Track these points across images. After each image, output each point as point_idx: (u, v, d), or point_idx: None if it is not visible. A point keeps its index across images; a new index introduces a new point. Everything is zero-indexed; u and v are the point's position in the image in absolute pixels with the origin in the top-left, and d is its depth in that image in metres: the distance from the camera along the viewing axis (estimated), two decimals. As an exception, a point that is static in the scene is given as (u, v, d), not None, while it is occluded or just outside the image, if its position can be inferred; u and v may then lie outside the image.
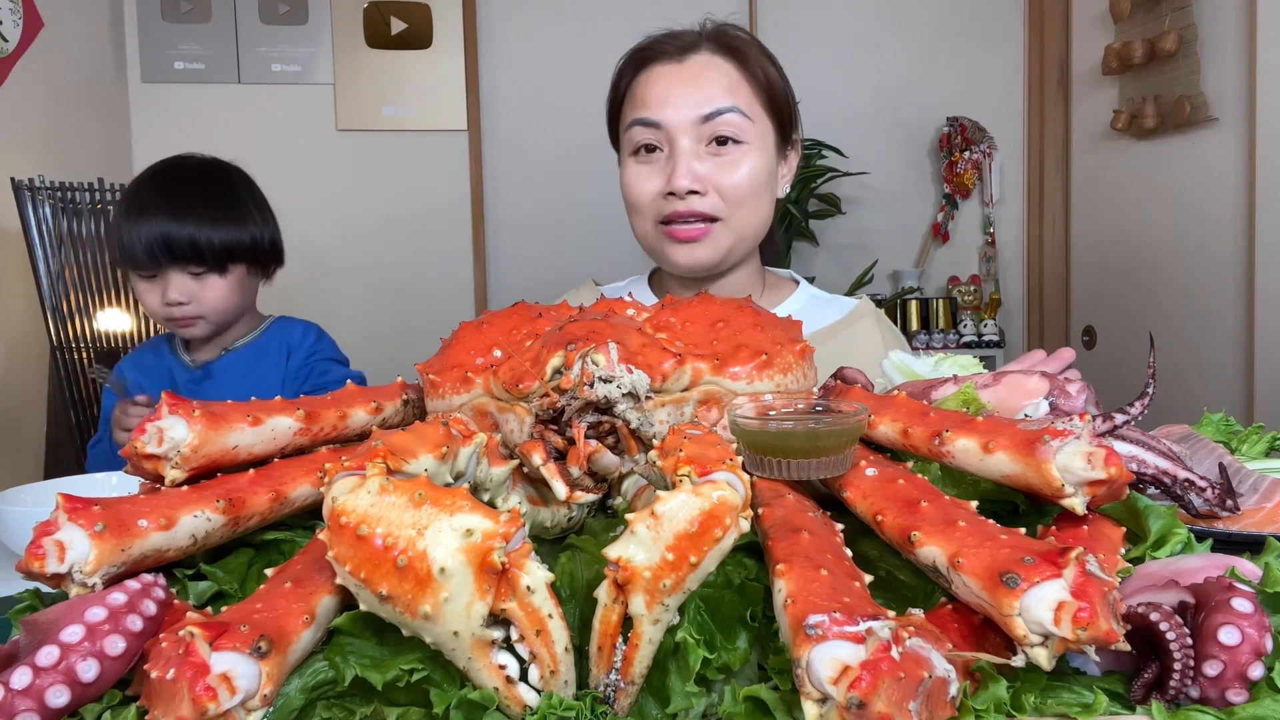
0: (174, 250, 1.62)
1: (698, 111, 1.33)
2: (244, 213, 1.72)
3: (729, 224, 1.36)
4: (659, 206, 1.36)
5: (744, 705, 0.55)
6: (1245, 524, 0.83)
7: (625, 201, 1.42)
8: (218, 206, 1.68)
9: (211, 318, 1.69)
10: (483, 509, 0.53)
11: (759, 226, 1.41)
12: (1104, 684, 0.57)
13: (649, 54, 1.39)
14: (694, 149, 1.34)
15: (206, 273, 1.66)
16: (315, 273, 3.41)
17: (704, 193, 1.33)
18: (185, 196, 1.67)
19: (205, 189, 1.70)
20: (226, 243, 1.67)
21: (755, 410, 0.72)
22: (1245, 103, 2.82)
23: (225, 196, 1.71)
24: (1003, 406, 0.83)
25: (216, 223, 1.66)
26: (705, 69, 1.36)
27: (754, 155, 1.35)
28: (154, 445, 0.73)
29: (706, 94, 1.33)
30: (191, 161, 1.77)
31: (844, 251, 3.84)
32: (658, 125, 1.34)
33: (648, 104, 1.35)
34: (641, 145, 1.37)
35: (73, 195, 2.42)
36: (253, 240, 1.71)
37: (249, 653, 0.52)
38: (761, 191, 1.38)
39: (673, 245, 1.37)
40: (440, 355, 0.85)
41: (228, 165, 1.80)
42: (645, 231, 1.41)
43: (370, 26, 3.43)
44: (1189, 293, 3.12)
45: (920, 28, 3.76)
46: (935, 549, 0.58)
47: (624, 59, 1.43)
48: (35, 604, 0.69)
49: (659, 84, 1.36)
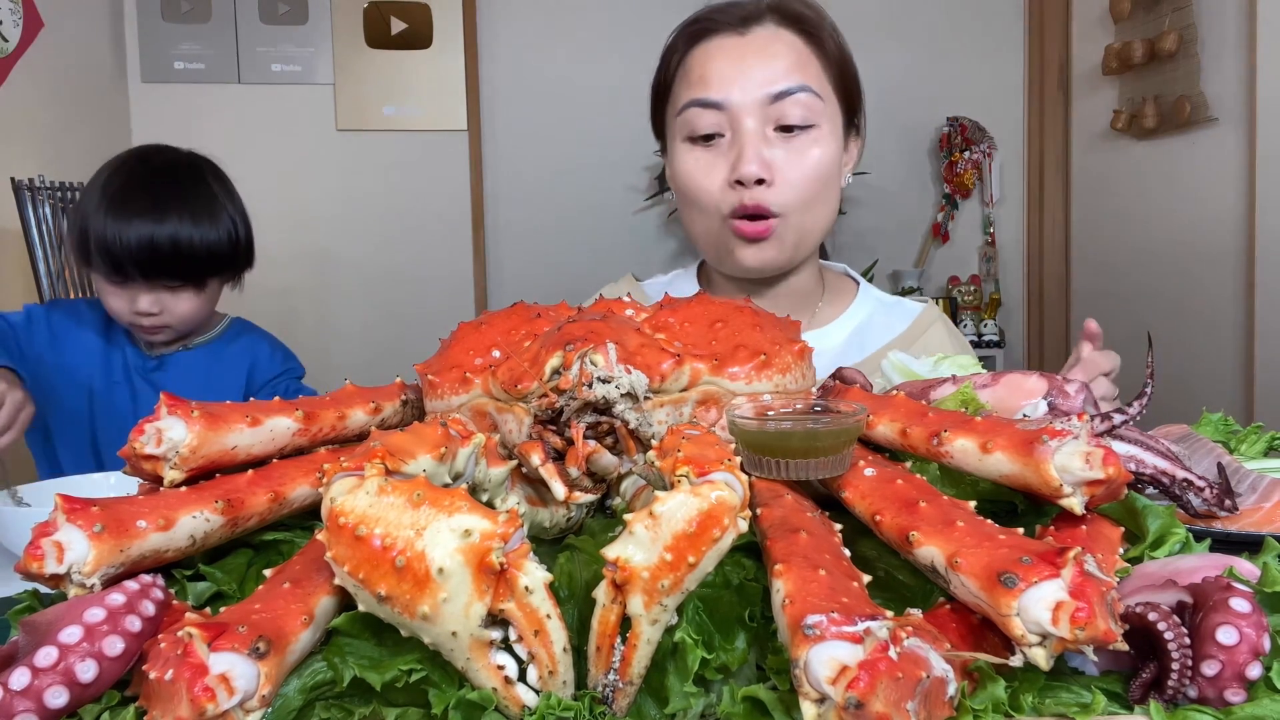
0: (159, 259, 1.56)
1: (765, 90, 1.19)
2: (220, 211, 1.65)
3: (791, 219, 1.23)
4: (725, 198, 1.22)
5: (742, 705, 0.55)
6: (1244, 524, 0.83)
7: (680, 194, 1.28)
8: (197, 204, 1.62)
9: (178, 327, 1.66)
10: (481, 509, 0.54)
11: (826, 222, 1.29)
12: (1102, 684, 0.57)
13: (706, 25, 1.25)
14: (760, 131, 1.20)
15: (183, 286, 1.62)
16: (315, 273, 3.42)
17: (771, 182, 1.20)
18: (165, 193, 1.61)
19: (182, 185, 1.64)
20: (207, 244, 1.61)
21: (754, 410, 0.72)
22: (1245, 103, 2.82)
23: (202, 193, 1.65)
24: (1001, 406, 0.83)
25: (197, 221, 1.60)
26: (772, 42, 1.22)
27: (825, 141, 1.23)
28: (152, 446, 0.73)
29: (774, 70, 1.20)
30: (164, 155, 1.71)
31: (844, 251, 3.84)
32: (720, 106, 1.20)
33: (708, 82, 1.21)
34: (700, 130, 1.23)
35: (73, 195, 2.42)
36: (230, 241, 1.65)
37: (247, 653, 0.52)
38: (830, 181, 1.25)
39: (741, 245, 1.24)
40: (439, 356, 0.85)
41: (200, 159, 1.74)
42: (708, 228, 1.27)
43: (370, 26, 3.44)
44: (1188, 292, 3.12)
45: (920, 28, 3.77)
46: (933, 549, 0.58)
47: (676, 32, 1.29)
48: (34, 605, 0.69)
49: (719, 59, 1.22)
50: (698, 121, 1.23)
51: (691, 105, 1.23)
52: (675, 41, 1.29)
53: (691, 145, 1.25)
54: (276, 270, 3.34)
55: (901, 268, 3.85)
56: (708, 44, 1.24)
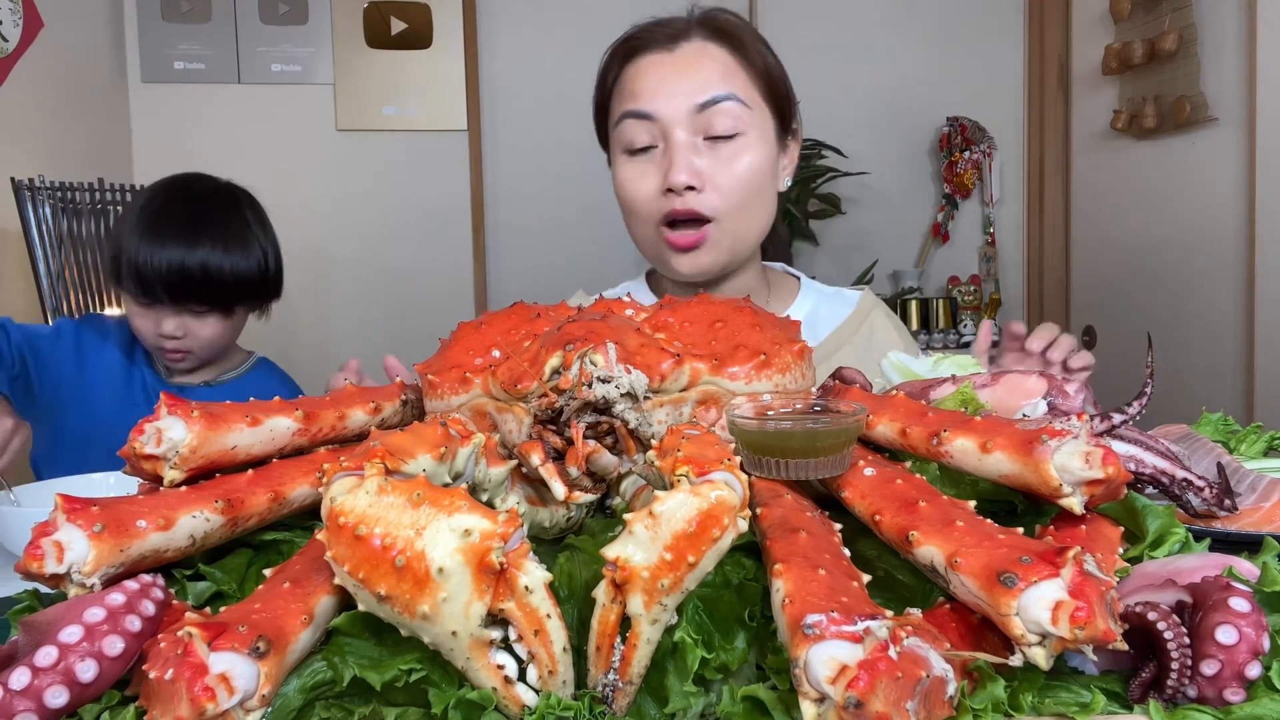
0: (188, 284, 1.59)
1: (692, 101, 1.25)
2: (252, 240, 1.68)
3: (724, 224, 1.28)
4: (658, 206, 1.28)
5: (742, 705, 0.55)
6: (1243, 523, 0.83)
7: (621, 204, 1.35)
8: (229, 233, 1.65)
9: (201, 354, 1.68)
10: (481, 509, 0.54)
11: (761, 225, 1.34)
12: (1102, 683, 0.57)
13: (637, 43, 1.31)
14: (690, 141, 1.26)
15: (209, 312, 1.64)
16: (315, 273, 3.41)
17: (701, 189, 1.26)
18: (199, 220, 1.63)
19: (217, 213, 1.67)
20: (237, 273, 1.63)
21: (753, 410, 0.72)
22: (1245, 103, 2.82)
23: (235, 222, 1.68)
24: (1001, 406, 0.83)
25: (229, 249, 1.63)
26: (698, 56, 1.28)
27: (754, 148, 1.28)
28: (152, 446, 0.73)
29: (701, 81, 1.26)
30: (204, 183, 1.74)
31: (844, 251, 3.84)
32: (650, 117, 1.27)
33: (638, 95, 1.28)
34: (634, 141, 1.29)
35: (73, 195, 2.42)
36: (260, 270, 1.68)
37: (247, 653, 0.52)
38: (764, 187, 1.31)
39: (673, 254, 1.30)
40: (439, 356, 0.85)
41: (238, 190, 1.77)
42: (645, 235, 1.33)
43: (370, 26, 3.43)
44: (1188, 293, 3.12)
45: (920, 28, 3.76)
46: (933, 549, 0.58)
47: (610, 51, 1.36)
48: (34, 604, 0.69)
49: (650, 74, 1.28)
50: (632, 133, 1.29)
51: (625, 117, 1.29)
52: (610, 60, 1.36)
53: (629, 157, 1.31)
54: (276, 270, 3.34)
55: (901, 268, 3.84)
56: (639, 60, 1.31)
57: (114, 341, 1.74)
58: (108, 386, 1.70)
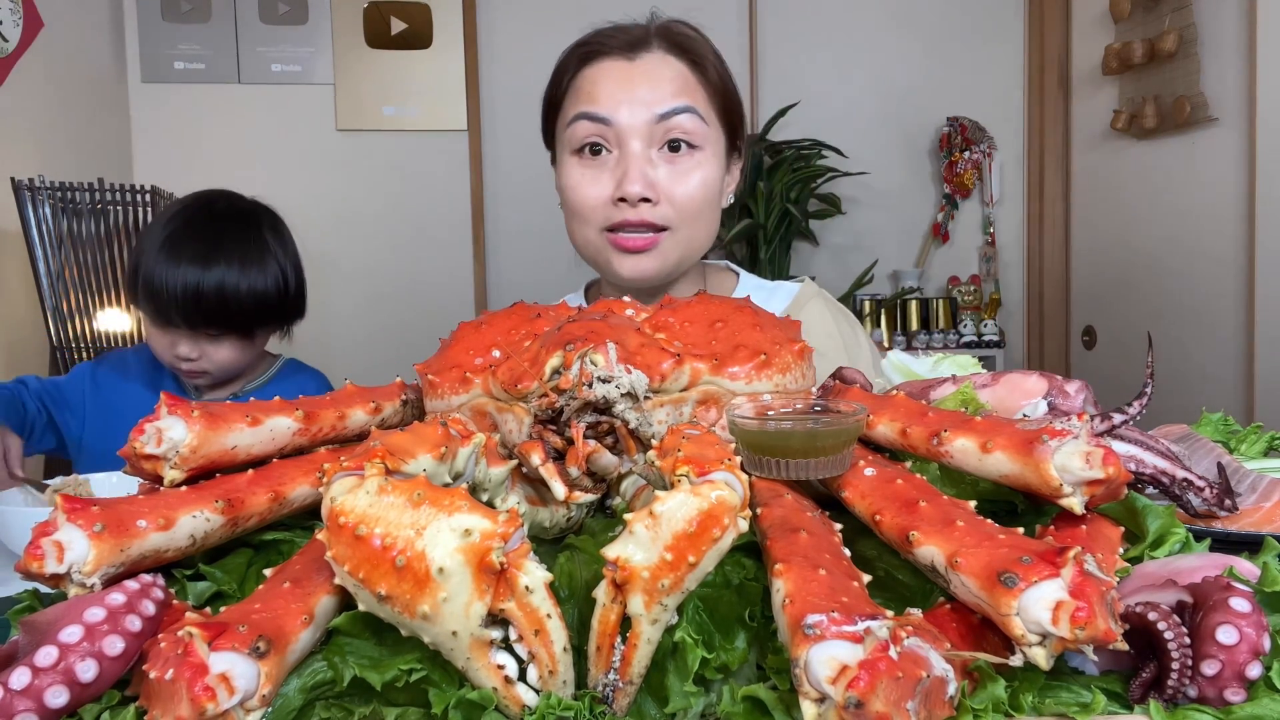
0: (202, 306, 1.56)
1: (652, 110, 1.24)
2: (269, 261, 1.65)
3: (678, 235, 1.27)
4: (606, 213, 1.26)
5: (742, 705, 0.55)
6: (1243, 523, 0.83)
7: (565, 206, 1.32)
8: (247, 253, 1.62)
9: (218, 374, 1.66)
10: (481, 509, 0.54)
11: (706, 239, 1.33)
12: (1102, 683, 0.57)
13: (596, 48, 1.30)
14: (645, 153, 1.25)
15: (224, 335, 1.61)
16: (315, 273, 3.40)
17: (656, 201, 1.24)
18: (216, 240, 1.60)
19: (235, 232, 1.64)
20: (254, 294, 1.60)
21: (754, 410, 0.72)
22: (1245, 103, 2.83)
23: (253, 242, 1.65)
24: (1001, 406, 0.83)
25: (245, 270, 1.59)
26: (659, 66, 1.27)
27: (708, 163, 1.28)
28: (153, 445, 0.73)
29: (660, 93, 1.25)
30: (225, 201, 1.70)
31: (844, 251, 3.84)
32: (607, 122, 1.25)
33: (596, 99, 1.26)
34: (587, 143, 1.26)
35: (73, 195, 2.42)
36: (278, 291, 1.65)
37: (247, 653, 0.52)
38: (713, 203, 1.31)
39: (619, 255, 1.27)
40: (439, 355, 0.85)
41: (261, 208, 1.74)
42: (587, 239, 1.30)
43: (370, 26, 3.44)
44: (1188, 292, 3.13)
45: (920, 28, 3.77)
46: (933, 549, 0.58)
47: (566, 53, 1.34)
48: (34, 604, 0.69)
49: (608, 80, 1.26)
50: (585, 133, 1.26)
51: (580, 118, 1.27)
52: (566, 61, 1.34)
53: (579, 159, 1.28)
54: (276, 270, 3.34)
55: (901, 268, 3.85)
56: (598, 65, 1.29)
57: (135, 375, 1.73)
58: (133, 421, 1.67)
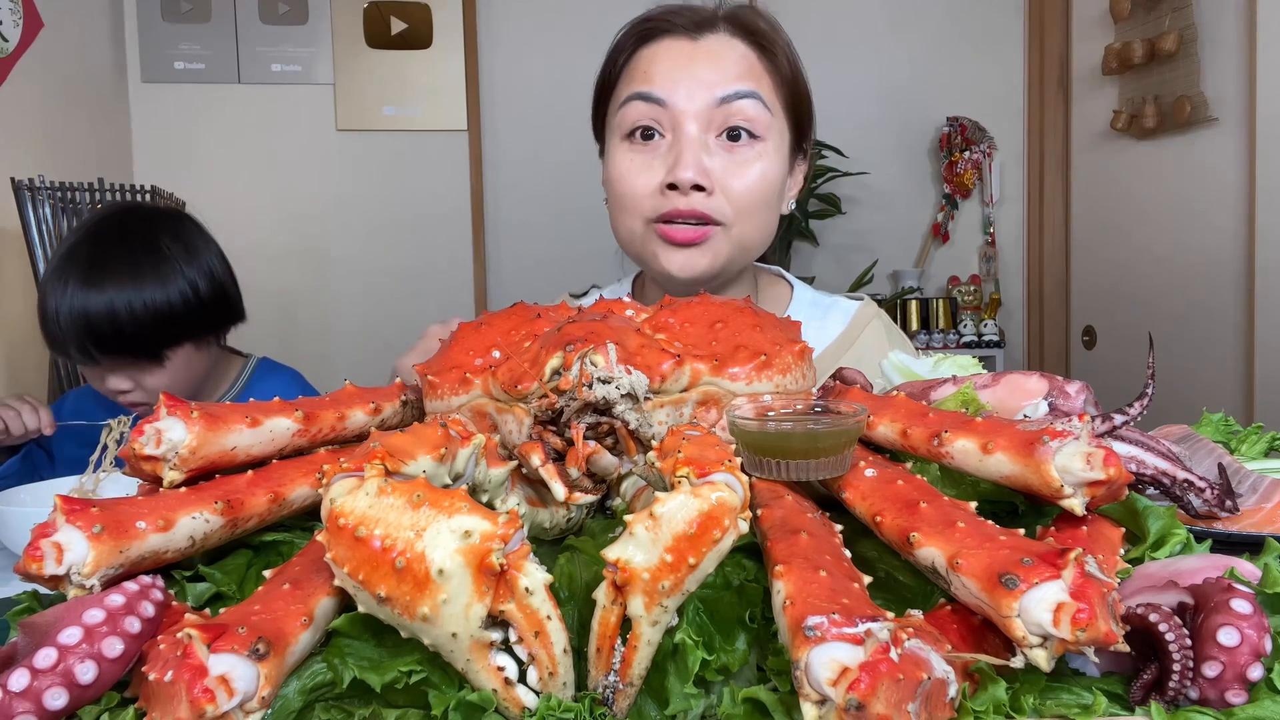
0: (96, 334, 1.40)
1: (713, 93, 1.15)
2: (170, 272, 1.47)
3: (731, 232, 1.18)
4: (655, 203, 1.17)
5: (743, 707, 0.55)
6: (1244, 524, 0.83)
7: (611, 195, 1.23)
8: (140, 268, 1.45)
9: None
10: (481, 510, 0.53)
11: (763, 241, 1.24)
12: (1103, 685, 0.57)
13: (657, 26, 1.21)
14: (702, 139, 1.16)
15: (139, 361, 1.46)
16: (315, 273, 3.42)
17: (710, 191, 1.15)
18: (104, 259, 1.44)
19: (126, 247, 1.47)
20: (154, 311, 1.43)
21: (754, 411, 0.72)
22: (1245, 103, 2.82)
23: (149, 253, 1.47)
24: (1002, 407, 0.83)
25: (141, 286, 1.42)
26: (724, 48, 1.18)
27: (770, 156, 1.19)
28: (152, 446, 0.73)
29: (723, 74, 1.16)
30: (121, 215, 1.55)
31: (844, 251, 3.84)
32: (662, 103, 1.16)
33: (652, 78, 1.17)
34: (639, 127, 1.17)
35: (73, 195, 2.41)
36: (184, 303, 1.47)
37: (247, 654, 0.52)
38: (772, 200, 1.21)
39: (666, 249, 1.18)
40: (439, 356, 0.85)
41: (161, 215, 1.57)
42: (633, 231, 1.21)
43: (370, 26, 3.43)
44: (1189, 293, 3.12)
45: (920, 28, 3.77)
46: (934, 550, 0.58)
47: (624, 30, 1.24)
48: (33, 606, 0.68)
49: (668, 58, 1.18)
50: (637, 115, 1.18)
51: (633, 99, 1.18)
52: (623, 40, 1.25)
53: (629, 144, 1.20)
54: (276, 270, 3.35)
55: (901, 268, 3.84)
56: (657, 44, 1.20)
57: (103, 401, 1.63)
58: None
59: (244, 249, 3.44)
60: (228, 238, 1.71)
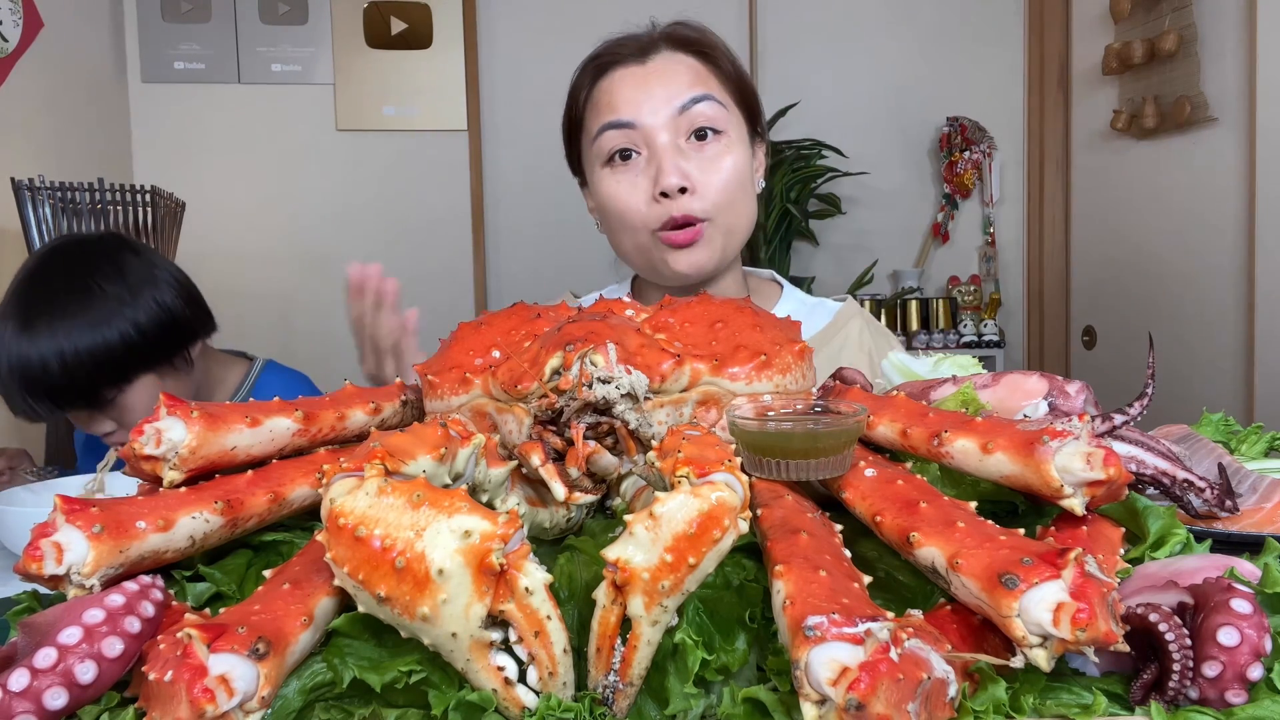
0: (34, 386, 1.33)
1: (672, 105, 1.27)
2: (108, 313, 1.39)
3: (718, 223, 1.29)
4: (653, 214, 1.28)
5: (743, 706, 0.55)
6: (1244, 524, 0.83)
7: (607, 216, 1.34)
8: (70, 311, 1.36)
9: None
10: (481, 510, 0.53)
11: (746, 224, 1.35)
12: (1103, 685, 0.57)
13: (608, 59, 1.33)
14: (674, 143, 1.27)
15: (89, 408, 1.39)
16: (315, 273, 3.41)
17: (693, 190, 1.26)
18: (35, 306, 1.36)
19: (54, 290, 1.39)
20: (94, 354, 1.35)
21: (754, 411, 0.72)
22: (1245, 103, 2.82)
23: (82, 294, 1.38)
24: (1002, 407, 0.83)
25: (70, 332, 1.34)
26: (671, 64, 1.31)
27: (735, 147, 1.30)
28: (152, 446, 0.73)
29: (677, 87, 1.28)
30: (55, 256, 1.46)
31: (844, 251, 3.84)
32: (632, 125, 1.28)
33: (616, 107, 1.29)
34: (617, 150, 1.29)
35: (73, 195, 2.41)
36: (123, 340, 1.39)
37: (247, 654, 0.52)
38: (746, 185, 1.33)
39: (674, 254, 1.29)
40: (439, 356, 0.85)
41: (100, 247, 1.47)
42: (638, 245, 1.32)
43: (370, 26, 3.43)
44: (1189, 293, 3.12)
45: (920, 28, 3.76)
46: (934, 550, 0.58)
47: (579, 71, 1.37)
48: (33, 605, 0.69)
49: (625, 86, 1.30)
50: (612, 143, 1.29)
51: (606, 129, 1.29)
52: (580, 80, 1.36)
53: (612, 169, 1.31)
54: (276, 271, 3.34)
55: (901, 268, 3.84)
56: (612, 75, 1.32)
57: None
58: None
59: (244, 249, 3.45)
60: (227, 237, 1.71)
